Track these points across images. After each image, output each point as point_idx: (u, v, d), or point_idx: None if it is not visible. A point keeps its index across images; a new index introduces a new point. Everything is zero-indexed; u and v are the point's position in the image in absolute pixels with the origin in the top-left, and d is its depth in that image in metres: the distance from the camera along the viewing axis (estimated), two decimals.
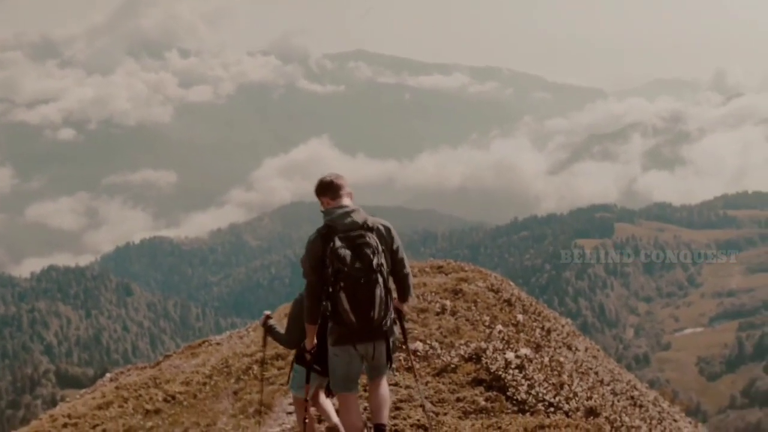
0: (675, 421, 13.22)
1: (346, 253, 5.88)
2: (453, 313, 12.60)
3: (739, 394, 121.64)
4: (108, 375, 18.72)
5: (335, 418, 7.16)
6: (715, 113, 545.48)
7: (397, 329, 6.37)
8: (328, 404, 7.42)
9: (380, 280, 5.97)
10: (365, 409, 7.54)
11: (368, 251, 5.93)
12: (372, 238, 6.01)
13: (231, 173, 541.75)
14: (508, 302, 14.28)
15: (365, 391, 7.15)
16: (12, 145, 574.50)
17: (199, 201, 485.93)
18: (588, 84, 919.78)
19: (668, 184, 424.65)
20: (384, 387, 6.42)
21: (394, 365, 6.68)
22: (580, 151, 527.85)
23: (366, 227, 6.05)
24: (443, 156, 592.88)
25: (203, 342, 17.99)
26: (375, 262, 5.93)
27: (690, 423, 14.79)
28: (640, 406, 11.95)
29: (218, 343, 17.10)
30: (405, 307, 6.54)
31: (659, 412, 12.65)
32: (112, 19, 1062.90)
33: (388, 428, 6.39)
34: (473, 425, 7.96)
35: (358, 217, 6.08)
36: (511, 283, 16.84)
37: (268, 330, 7.78)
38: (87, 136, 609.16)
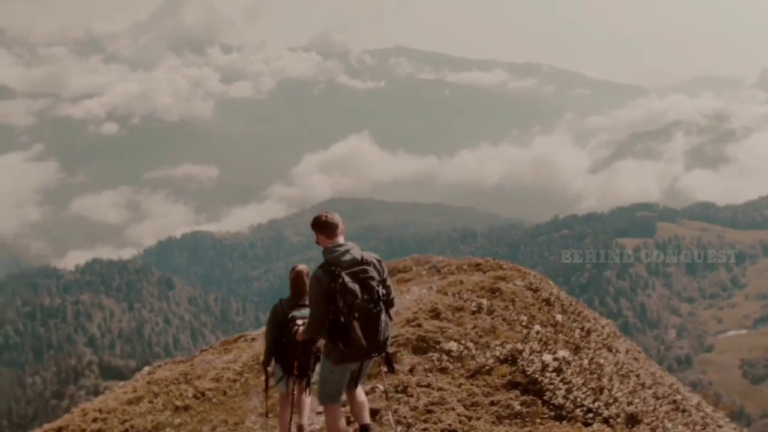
0: (719, 427, 12.77)
1: (355, 287, 6.59)
2: (489, 312, 12.30)
3: None
4: (146, 368, 18.76)
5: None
6: (760, 111, 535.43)
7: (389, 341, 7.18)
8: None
9: (383, 307, 6.79)
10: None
11: (373, 284, 6.70)
12: (373, 272, 6.76)
13: (271, 169, 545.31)
14: (547, 302, 13.95)
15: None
16: (57, 139, 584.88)
17: (240, 196, 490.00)
18: (628, 81, 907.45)
19: (712, 184, 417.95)
20: (361, 393, 7.40)
21: (393, 370, 7.34)
22: (622, 149, 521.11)
23: (364, 262, 6.76)
24: (483, 153, 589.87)
25: (239, 337, 17.94)
26: (380, 292, 6.73)
27: (734, 429, 14.29)
28: (683, 411, 11.54)
29: (253, 339, 17.03)
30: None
31: (702, 418, 12.22)
32: (155, 15, 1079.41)
33: (371, 428, 7.33)
34: None
35: (356, 254, 6.80)
36: (551, 282, 16.49)
37: (265, 365, 8.96)
38: (130, 130, 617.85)
